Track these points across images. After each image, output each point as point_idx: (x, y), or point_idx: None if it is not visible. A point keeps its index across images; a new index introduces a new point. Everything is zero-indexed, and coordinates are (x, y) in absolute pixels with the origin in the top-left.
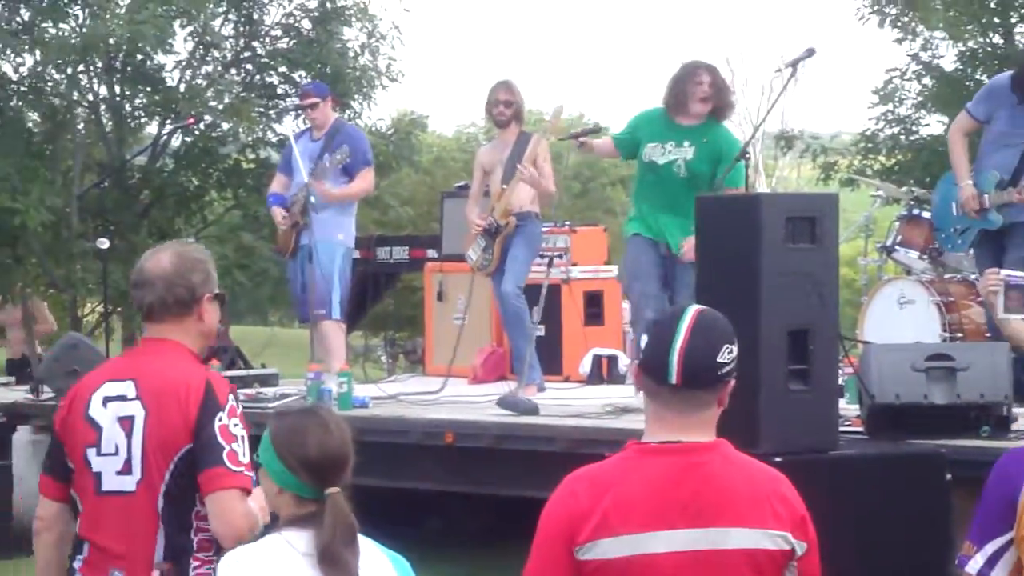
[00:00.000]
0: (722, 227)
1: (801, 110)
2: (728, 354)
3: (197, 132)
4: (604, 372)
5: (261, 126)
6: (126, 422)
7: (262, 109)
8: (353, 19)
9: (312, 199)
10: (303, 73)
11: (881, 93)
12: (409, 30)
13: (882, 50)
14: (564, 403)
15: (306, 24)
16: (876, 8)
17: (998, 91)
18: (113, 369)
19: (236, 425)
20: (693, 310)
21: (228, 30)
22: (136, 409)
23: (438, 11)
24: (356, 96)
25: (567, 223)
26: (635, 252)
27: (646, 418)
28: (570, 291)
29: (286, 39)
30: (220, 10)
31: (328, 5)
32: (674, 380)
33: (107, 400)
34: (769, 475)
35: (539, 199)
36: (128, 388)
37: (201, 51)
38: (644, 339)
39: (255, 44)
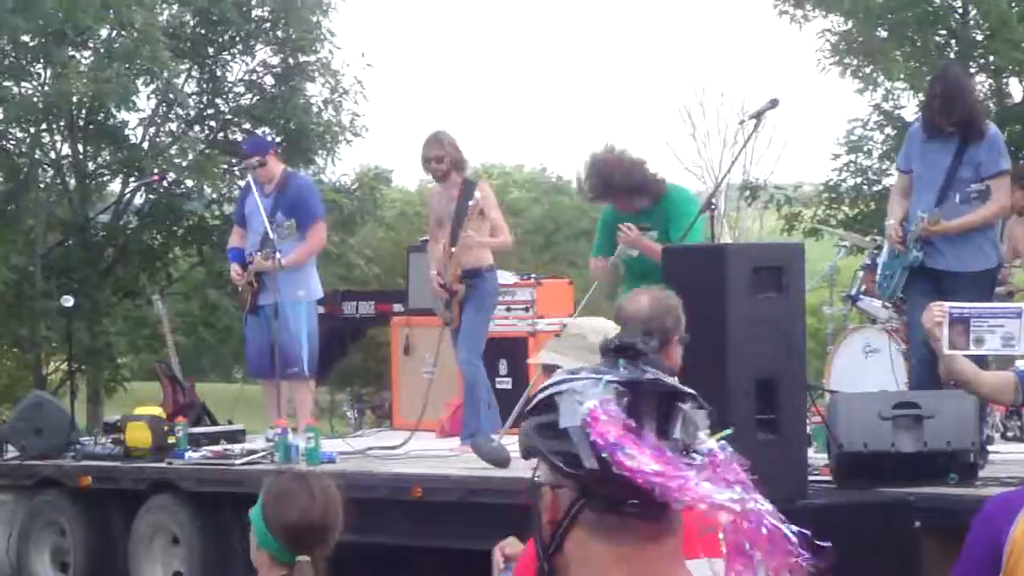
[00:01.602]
0: (689, 278)
1: (764, 161)
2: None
3: (161, 189)
4: None
5: (225, 182)
6: None
7: (226, 165)
8: (316, 75)
9: (279, 258)
10: (267, 129)
11: (848, 143)
12: (372, 85)
13: (844, 100)
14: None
15: (269, 80)
16: (837, 59)
17: (911, 135)
18: None
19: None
20: None
21: (191, 87)
22: None
23: (401, 65)
24: (320, 151)
25: (532, 276)
26: None
27: None
28: (536, 343)
29: (249, 95)
30: (183, 68)
31: (291, 61)
32: None
33: None
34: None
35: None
36: None
37: (164, 108)
38: None
39: (218, 101)
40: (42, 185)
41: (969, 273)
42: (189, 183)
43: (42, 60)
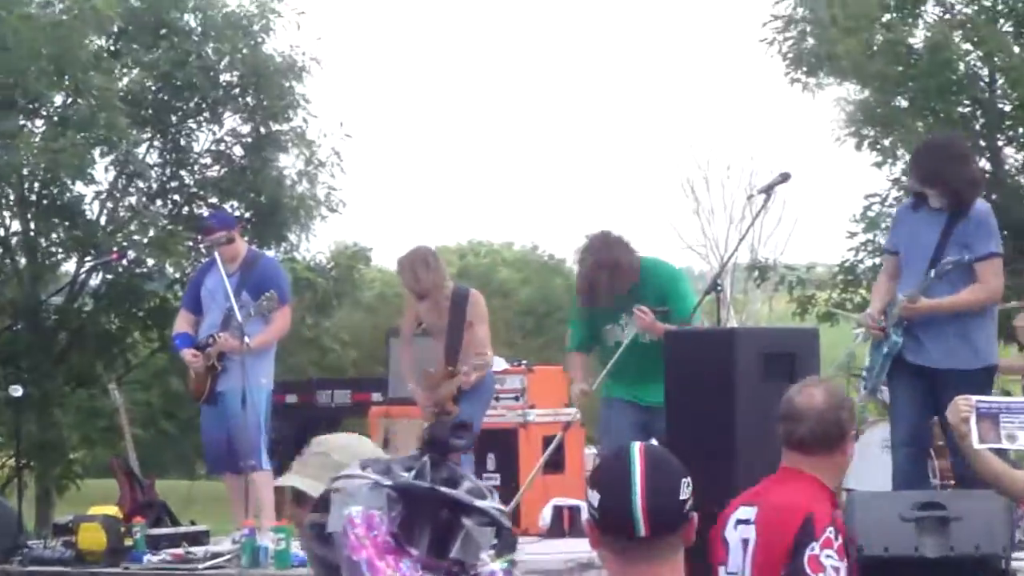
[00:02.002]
0: (694, 364)
1: (774, 239)
2: (687, 487)
3: (120, 268)
4: (566, 524)
5: (189, 261)
6: (745, 544)
7: (190, 243)
8: (290, 145)
9: (247, 340)
10: (235, 203)
11: (864, 220)
12: (350, 156)
13: (860, 175)
14: (522, 558)
15: (238, 151)
16: (853, 130)
17: (899, 213)
18: (748, 494)
19: (828, 556)
20: (637, 449)
21: (153, 158)
22: (751, 533)
23: (381, 135)
24: (293, 227)
25: (523, 362)
26: (613, 415)
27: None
28: (527, 436)
29: (216, 167)
30: (144, 137)
31: (262, 130)
32: (643, 532)
33: (737, 523)
34: None
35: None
36: (752, 513)
37: (123, 181)
38: (595, 495)
39: (182, 173)
40: None
41: (963, 371)
42: (150, 262)
43: None
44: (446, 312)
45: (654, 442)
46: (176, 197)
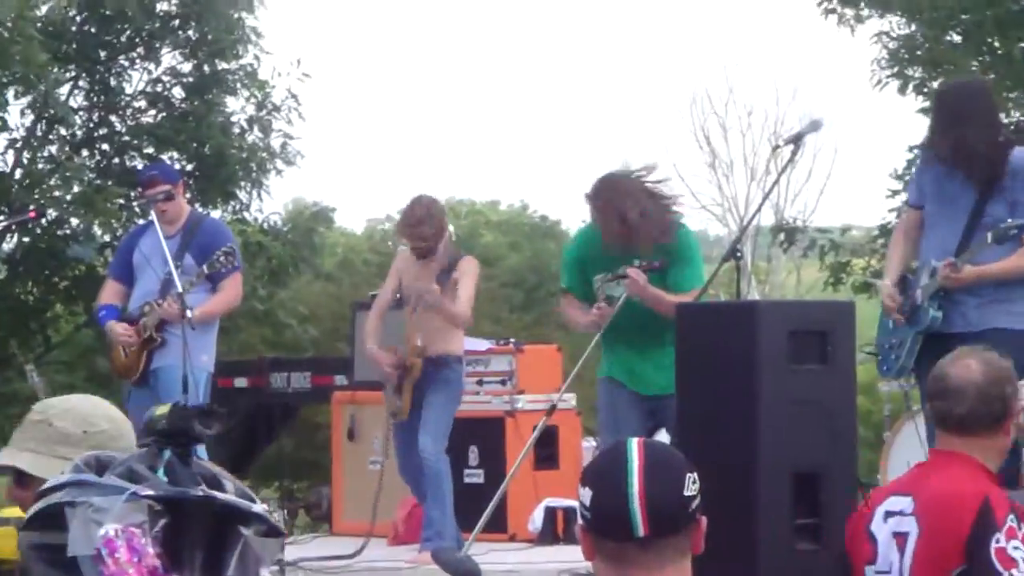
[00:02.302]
0: (709, 343)
1: (803, 198)
2: (693, 484)
3: (38, 230)
4: (560, 529)
5: (121, 221)
6: (900, 539)
7: (122, 201)
8: (239, 86)
9: (189, 313)
10: (175, 154)
11: (907, 176)
12: (310, 100)
13: (904, 122)
14: (510, 568)
15: (178, 93)
16: (896, 70)
17: (923, 164)
18: (898, 483)
19: (1016, 548)
20: (636, 443)
21: (78, 100)
22: (910, 526)
23: (346, 76)
24: (243, 183)
25: (511, 341)
26: (608, 398)
27: None
28: (516, 426)
29: (152, 112)
30: (68, 76)
31: (206, 69)
32: (641, 531)
33: (888, 515)
34: None
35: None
36: (906, 504)
37: (43, 127)
38: (587, 493)
39: (113, 119)
40: None
41: (1002, 330)
42: (74, 222)
43: None
44: (434, 273)
45: (664, 433)
46: (105, 147)
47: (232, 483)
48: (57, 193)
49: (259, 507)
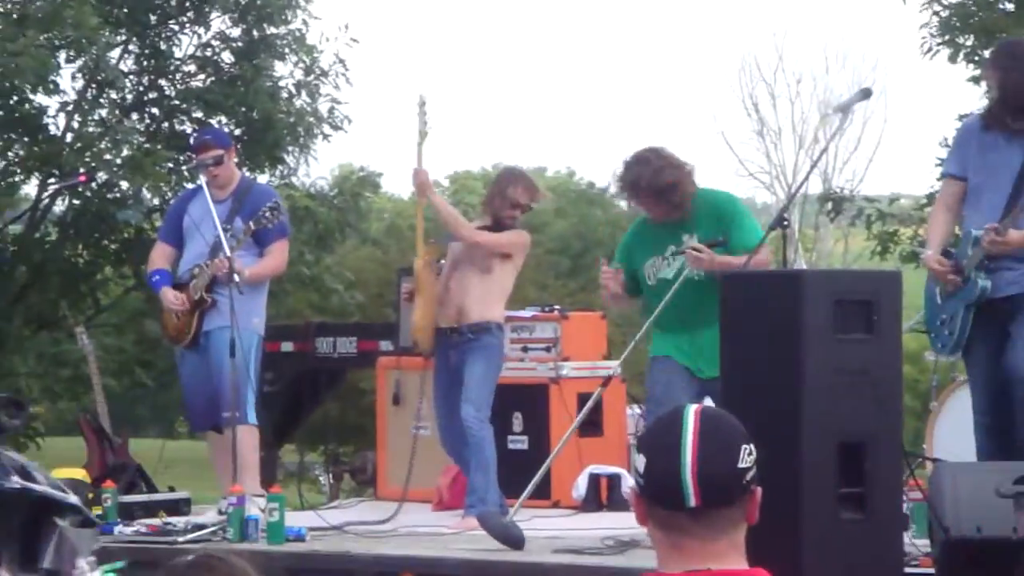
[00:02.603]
0: (754, 312)
1: (851, 167)
2: (749, 456)
3: (88, 193)
4: (603, 496)
5: (170, 185)
6: None
7: (171, 164)
8: (287, 51)
9: (237, 277)
10: (223, 119)
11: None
12: (357, 66)
13: (954, 92)
14: (554, 535)
15: (227, 57)
16: (947, 38)
17: (967, 132)
18: None
19: None
20: (693, 411)
21: (128, 64)
22: None
23: (394, 42)
24: (290, 147)
25: (556, 307)
26: (663, 376)
27: (659, 553)
28: (560, 393)
29: (202, 76)
30: (118, 39)
31: (255, 33)
32: (692, 502)
33: None
34: None
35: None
36: None
37: (94, 91)
38: (641, 460)
39: (162, 83)
40: None
41: None
42: (124, 185)
43: None
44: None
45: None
46: (154, 111)
47: (43, 474)
48: (107, 157)
49: (74, 498)
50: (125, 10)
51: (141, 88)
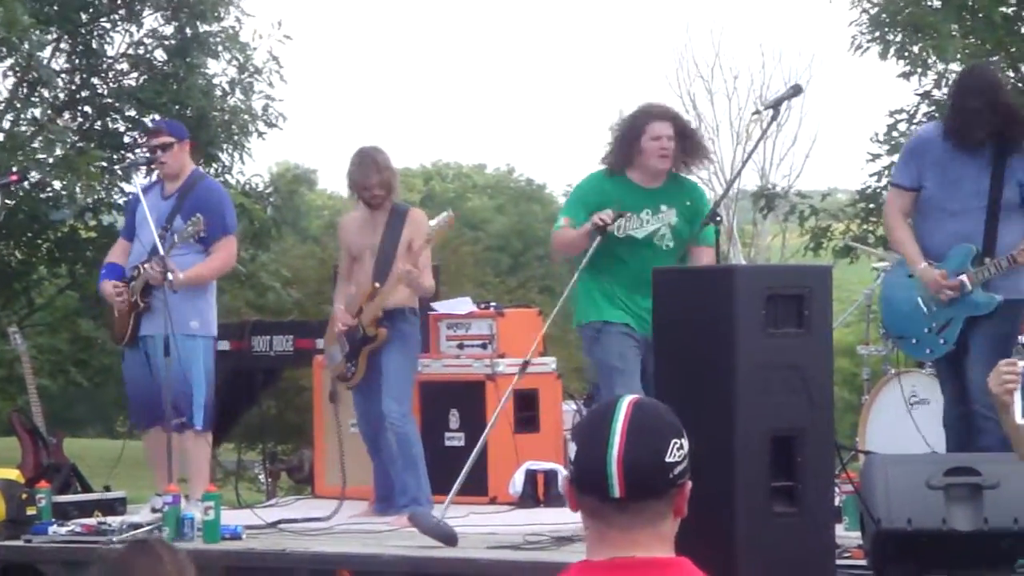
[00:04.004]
0: (687, 307)
1: (786, 163)
2: (678, 450)
3: (20, 192)
4: (540, 492)
5: (103, 184)
6: None
7: (104, 163)
8: (220, 48)
9: (170, 276)
10: (156, 116)
11: (889, 141)
12: (291, 63)
13: (885, 88)
14: (490, 531)
15: (160, 55)
16: (877, 35)
17: (923, 144)
18: None
19: None
20: (626, 402)
21: (60, 63)
22: None
23: (328, 40)
24: (225, 145)
25: (493, 304)
26: (618, 346)
27: (587, 540)
28: (496, 389)
29: (135, 74)
30: (50, 37)
31: (188, 31)
32: (617, 493)
33: None
34: None
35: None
36: None
37: (25, 90)
38: (572, 447)
39: (95, 81)
40: None
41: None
42: (57, 185)
43: None
44: (381, 228)
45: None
46: (87, 109)
47: None
48: (39, 156)
49: None
50: (56, 8)
51: (73, 87)
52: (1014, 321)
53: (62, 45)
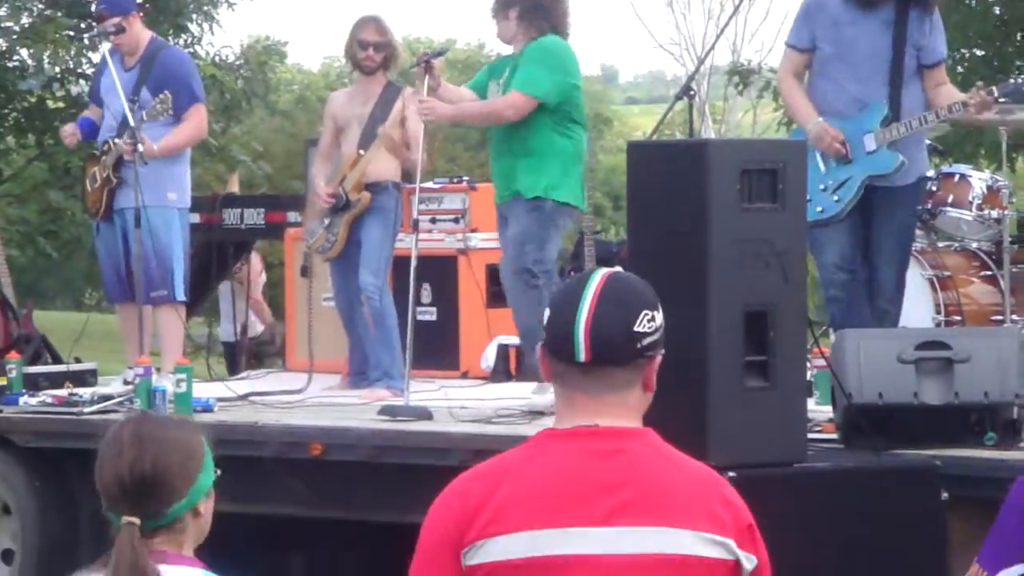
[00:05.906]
0: (659, 182)
1: (759, 38)
2: (649, 322)
3: None
4: (512, 366)
5: (71, 54)
6: None
7: (72, 32)
8: None
9: (140, 148)
10: None
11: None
12: None
13: None
14: (462, 405)
15: None
16: None
17: (819, 4)
18: None
19: None
20: (601, 273)
21: None
22: None
23: None
24: (194, 16)
25: (465, 179)
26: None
27: (556, 406)
28: (469, 264)
29: None
30: None
31: None
32: (582, 356)
33: None
34: (708, 473)
35: (401, 167)
36: None
37: None
38: (546, 313)
39: None
40: None
41: (911, 185)
42: (24, 54)
43: None
44: (373, 100)
45: None
46: None
47: None
48: (6, 24)
49: None
50: None
51: None
52: (916, 203)
53: None
